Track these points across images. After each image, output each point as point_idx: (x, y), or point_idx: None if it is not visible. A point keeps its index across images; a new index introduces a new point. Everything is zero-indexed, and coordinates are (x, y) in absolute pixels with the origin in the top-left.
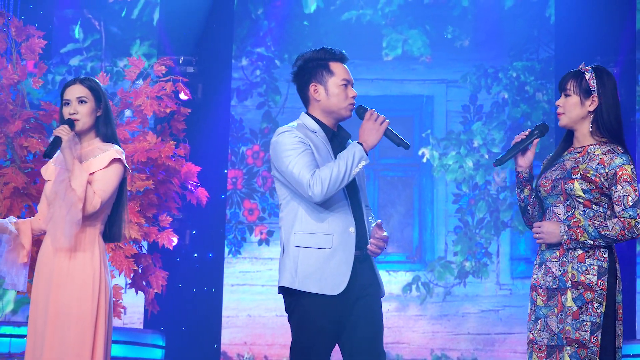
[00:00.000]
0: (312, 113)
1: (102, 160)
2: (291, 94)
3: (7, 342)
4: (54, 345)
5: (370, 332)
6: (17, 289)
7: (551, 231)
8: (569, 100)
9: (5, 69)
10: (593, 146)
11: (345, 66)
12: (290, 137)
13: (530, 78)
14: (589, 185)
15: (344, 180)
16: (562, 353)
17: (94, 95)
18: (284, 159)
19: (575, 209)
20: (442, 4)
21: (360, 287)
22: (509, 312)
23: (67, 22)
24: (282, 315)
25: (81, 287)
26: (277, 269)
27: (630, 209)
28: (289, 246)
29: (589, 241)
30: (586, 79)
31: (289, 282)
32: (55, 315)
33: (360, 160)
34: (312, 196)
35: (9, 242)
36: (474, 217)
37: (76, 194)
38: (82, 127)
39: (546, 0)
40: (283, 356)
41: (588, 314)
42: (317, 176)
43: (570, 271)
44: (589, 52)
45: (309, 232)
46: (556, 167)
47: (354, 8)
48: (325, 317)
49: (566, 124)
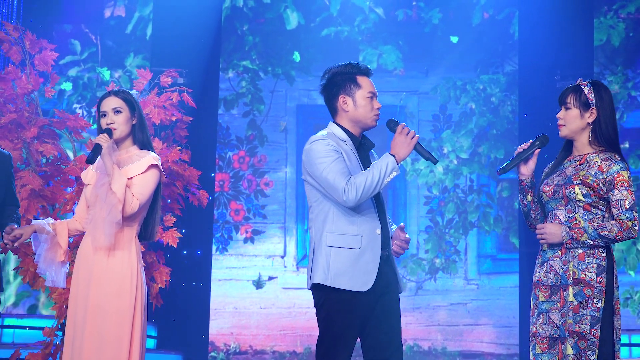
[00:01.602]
0: (340, 122)
1: (140, 166)
2: (274, 104)
3: (10, 333)
4: (94, 336)
5: (390, 326)
6: (57, 286)
7: (553, 232)
8: (569, 113)
9: (20, 79)
10: (592, 154)
11: (369, 79)
12: (324, 145)
13: (496, 90)
14: (589, 190)
15: (377, 188)
16: (564, 344)
17: (128, 105)
18: (318, 165)
19: (576, 212)
20: (414, 22)
21: (383, 284)
22: (476, 305)
23: (66, 36)
24: (265, 308)
25: (120, 283)
26: (260, 265)
27: (627, 212)
28: (321, 245)
29: (588, 241)
30: (585, 92)
31: (322, 279)
32: (95, 309)
33: (392, 171)
34: (346, 201)
35: (47, 242)
36: (444, 218)
37: (116, 196)
38: (120, 135)
39: (510, 19)
40: (266, 345)
41: (588, 308)
42: (352, 183)
43: (571, 269)
44: (550, 67)
45: (340, 233)
46: (557, 174)
47: (332, 25)
48: (353, 311)
49: (566, 135)
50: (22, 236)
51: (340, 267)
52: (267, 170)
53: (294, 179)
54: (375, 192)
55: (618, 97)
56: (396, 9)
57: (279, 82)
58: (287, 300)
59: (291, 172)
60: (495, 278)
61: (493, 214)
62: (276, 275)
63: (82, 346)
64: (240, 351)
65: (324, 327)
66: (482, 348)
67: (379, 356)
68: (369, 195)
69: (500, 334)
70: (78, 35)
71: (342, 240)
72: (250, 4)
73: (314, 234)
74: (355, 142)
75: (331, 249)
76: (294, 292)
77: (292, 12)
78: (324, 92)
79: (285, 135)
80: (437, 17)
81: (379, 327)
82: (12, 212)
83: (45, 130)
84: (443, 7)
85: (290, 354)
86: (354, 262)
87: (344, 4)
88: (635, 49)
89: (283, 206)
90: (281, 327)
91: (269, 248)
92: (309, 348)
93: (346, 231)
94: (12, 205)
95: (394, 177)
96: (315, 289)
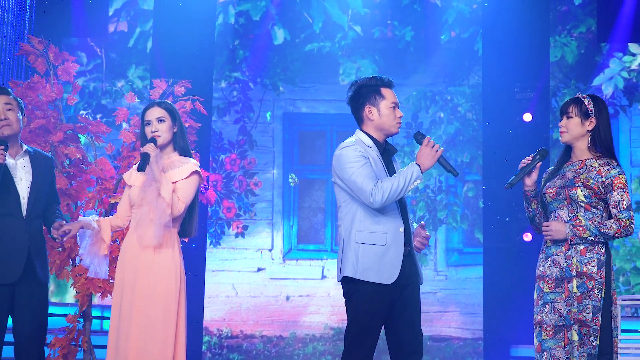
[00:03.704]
0: (366, 130)
1: (182, 171)
2: (263, 112)
3: None
4: (140, 321)
5: (411, 315)
6: (99, 276)
7: (558, 229)
8: (571, 121)
9: (44, 88)
10: (590, 159)
11: (391, 90)
12: (353, 151)
13: (462, 100)
14: (589, 192)
15: (401, 193)
16: (569, 331)
17: (170, 114)
18: (348, 169)
19: (577, 211)
20: (389, 39)
21: (406, 276)
22: (445, 294)
23: (73, 49)
24: (254, 296)
25: (165, 274)
26: (250, 258)
27: (625, 212)
28: (350, 242)
29: (590, 237)
30: (585, 103)
31: (352, 273)
32: (143, 297)
33: (416, 179)
34: (372, 202)
35: (92, 236)
36: (415, 215)
37: (165, 201)
38: (163, 142)
39: (475, 37)
40: (255, 330)
41: (590, 298)
42: (379, 186)
43: (574, 263)
44: (510, 80)
45: (367, 230)
46: (558, 177)
47: (315, 41)
48: (380, 302)
49: (568, 140)
50: (70, 231)
51: (368, 261)
52: (256, 171)
53: (281, 179)
54: (400, 196)
55: None
56: (373, 27)
57: (267, 92)
58: (274, 289)
59: (278, 173)
60: (462, 270)
61: (460, 212)
62: (264, 266)
63: (130, 330)
64: (231, 336)
65: (352, 316)
66: (450, 333)
67: (401, 341)
68: (394, 199)
69: (466, 320)
70: (84, 48)
71: (370, 237)
72: (241, 21)
73: (343, 231)
74: (380, 148)
75: (359, 245)
76: (280, 282)
77: (279, 29)
78: (351, 103)
79: (273, 140)
80: (410, 34)
81: (401, 315)
82: (56, 209)
83: (68, 134)
84: (415, 26)
85: (277, 338)
86: (380, 258)
87: (326, 22)
88: (586, 65)
89: (271, 204)
90: (269, 314)
91: (257, 242)
92: (294, 333)
93: (372, 229)
94: (55, 202)
95: (417, 184)
96: (344, 281)
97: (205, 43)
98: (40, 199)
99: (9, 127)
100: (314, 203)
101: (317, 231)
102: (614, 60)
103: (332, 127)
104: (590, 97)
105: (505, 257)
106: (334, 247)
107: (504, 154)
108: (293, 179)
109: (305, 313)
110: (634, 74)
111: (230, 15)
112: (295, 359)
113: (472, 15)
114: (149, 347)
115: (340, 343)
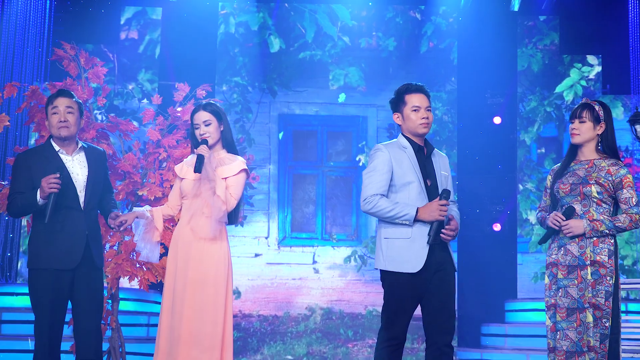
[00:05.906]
0: (404, 133)
1: (232, 168)
2: (260, 113)
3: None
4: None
5: (444, 297)
6: (152, 261)
7: (577, 225)
8: (584, 125)
9: (77, 90)
10: (598, 160)
11: (417, 94)
12: (379, 156)
13: (439, 104)
14: (601, 189)
15: (385, 218)
16: (582, 313)
17: (215, 116)
18: (368, 168)
19: (590, 206)
20: (374, 48)
21: (436, 264)
22: None
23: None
24: (252, 279)
25: (217, 260)
26: (248, 244)
27: (635, 207)
28: (380, 237)
29: (605, 231)
30: (596, 109)
31: (381, 265)
32: (195, 282)
33: (405, 219)
34: (361, 205)
35: (145, 225)
36: None
37: (220, 199)
38: (212, 142)
39: (451, 48)
40: (252, 310)
41: (603, 284)
42: (376, 199)
43: (588, 252)
44: (482, 87)
45: (393, 225)
46: (569, 174)
47: (308, 49)
48: (406, 288)
49: (579, 142)
50: (126, 221)
51: (394, 254)
52: (254, 166)
53: (276, 174)
54: (383, 218)
55: (536, 112)
56: (359, 37)
57: (264, 95)
58: (270, 273)
59: (274, 168)
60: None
61: None
62: (261, 252)
63: (183, 311)
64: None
65: (387, 299)
66: None
67: (434, 321)
68: (376, 217)
69: None
70: (98, 53)
71: (396, 232)
72: (241, 30)
73: (377, 226)
74: (415, 148)
75: (387, 240)
76: (275, 267)
77: (275, 38)
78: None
79: (269, 138)
80: (392, 45)
81: (434, 297)
82: (111, 198)
83: (99, 132)
84: (397, 37)
85: (272, 317)
86: (406, 250)
87: (318, 33)
88: (550, 74)
89: (267, 196)
90: (265, 295)
91: (255, 230)
92: (288, 312)
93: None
94: (109, 192)
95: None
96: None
97: (208, 50)
98: (96, 191)
99: (66, 129)
100: (306, 195)
101: (309, 221)
102: (574, 70)
103: (323, 127)
104: (599, 103)
105: (477, 245)
106: (324, 236)
107: (476, 152)
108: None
109: (298, 295)
110: (592, 82)
111: (231, 25)
112: (289, 335)
113: (449, 29)
114: (201, 327)
115: (328, 322)
